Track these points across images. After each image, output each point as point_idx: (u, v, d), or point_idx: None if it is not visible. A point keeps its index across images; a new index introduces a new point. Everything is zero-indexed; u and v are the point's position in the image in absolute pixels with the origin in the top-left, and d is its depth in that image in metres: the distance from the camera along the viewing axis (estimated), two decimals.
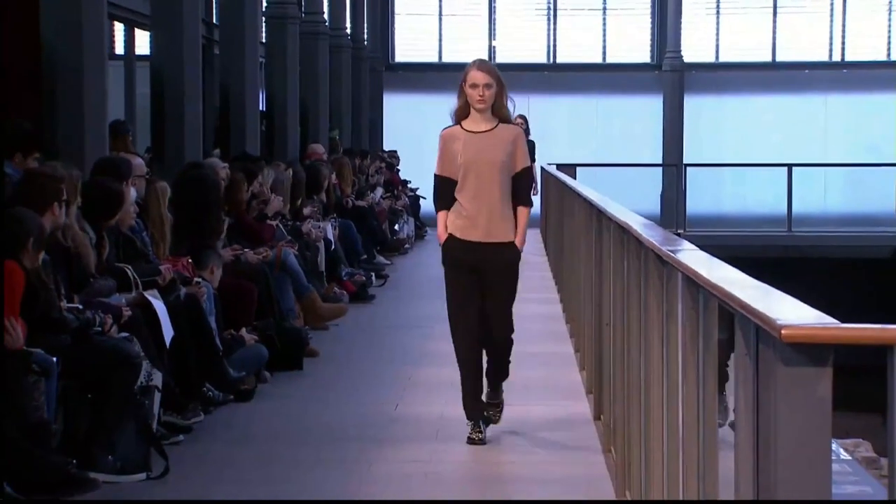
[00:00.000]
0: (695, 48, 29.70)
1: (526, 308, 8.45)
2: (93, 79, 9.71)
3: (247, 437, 7.85)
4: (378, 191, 20.03)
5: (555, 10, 30.14)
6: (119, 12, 14.79)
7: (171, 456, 6.89)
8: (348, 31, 24.18)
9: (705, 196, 26.61)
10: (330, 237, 13.91)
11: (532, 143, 21.56)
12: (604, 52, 30.13)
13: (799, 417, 2.77)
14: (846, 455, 8.81)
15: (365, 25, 26.90)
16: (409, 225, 21.49)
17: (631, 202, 8.24)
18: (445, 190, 7.56)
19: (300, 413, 8.61)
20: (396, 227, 20.18)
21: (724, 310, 3.49)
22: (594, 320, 8.31)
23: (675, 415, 4.31)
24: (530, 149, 9.02)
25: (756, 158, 27.22)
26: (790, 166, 25.38)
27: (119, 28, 16.17)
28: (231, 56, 15.67)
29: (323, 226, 13.81)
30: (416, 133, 26.55)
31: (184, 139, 12.33)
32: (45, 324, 6.61)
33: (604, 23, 30.07)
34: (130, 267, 8.16)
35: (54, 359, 6.43)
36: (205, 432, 7.86)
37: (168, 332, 7.83)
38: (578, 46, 30.08)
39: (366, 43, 26.80)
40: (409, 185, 24.06)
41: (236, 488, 6.64)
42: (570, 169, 21.19)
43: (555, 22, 30.17)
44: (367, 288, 14.56)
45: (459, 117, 7.57)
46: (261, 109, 17.19)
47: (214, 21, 17.77)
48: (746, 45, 29.75)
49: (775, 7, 29.66)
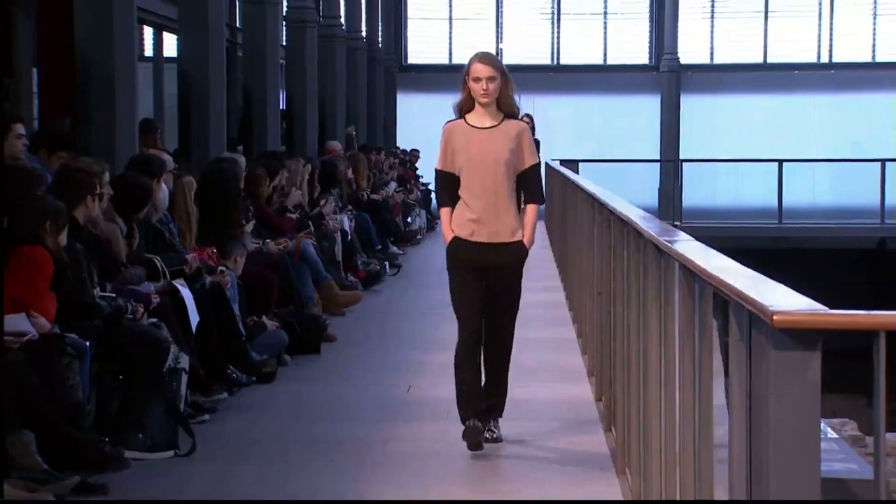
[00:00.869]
0: (690, 50, 29.67)
1: (531, 296, 8.41)
2: (123, 80, 9.73)
3: (268, 417, 7.86)
4: (392, 185, 20.03)
5: (558, 15, 30.11)
6: (148, 17, 14.80)
7: (198, 434, 6.92)
8: (364, 35, 24.16)
9: (700, 190, 26.59)
10: (346, 229, 13.90)
11: (537, 143, 21.54)
12: (605, 54, 30.11)
13: (790, 398, 2.77)
14: (833, 434, 8.79)
15: (379, 29, 26.87)
16: (422, 217, 21.50)
17: (630, 196, 8.22)
18: (447, 185, 6.86)
19: (318, 394, 8.61)
20: (409, 220, 20.20)
21: (719, 297, 3.49)
22: (596, 307, 8.31)
23: (672, 395, 4.31)
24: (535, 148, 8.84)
25: (748, 154, 27.18)
26: (780, 162, 25.37)
27: (148, 32, 16.16)
28: (253, 58, 15.69)
29: (340, 218, 13.81)
30: (428, 130, 26.49)
31: (209, 136, 12.36)
32: (80, 310, 6.63)
33: (605, 26, 30.04)
34: (158, 257, 8.18)
35: (88, 343, 6.44)
36: (229, 412, 7.87)
37: (194, 319, 7.84)
38: (581, 49, 30.05)
39: (380, 45, 26.78)
40: (422, 180, 24.05)
41: (258, 464, 6.66)
42: (573, 164, 21.21)
43: (558, 25, 30.14)
44: (381, 276, 14.57)
45: (463, 111, 6.84)
46: (281, 108, 17.19)
47: (238, 25, 17.77)
48: (739, 48, 29.72)
49: (766, 12, 29.61)
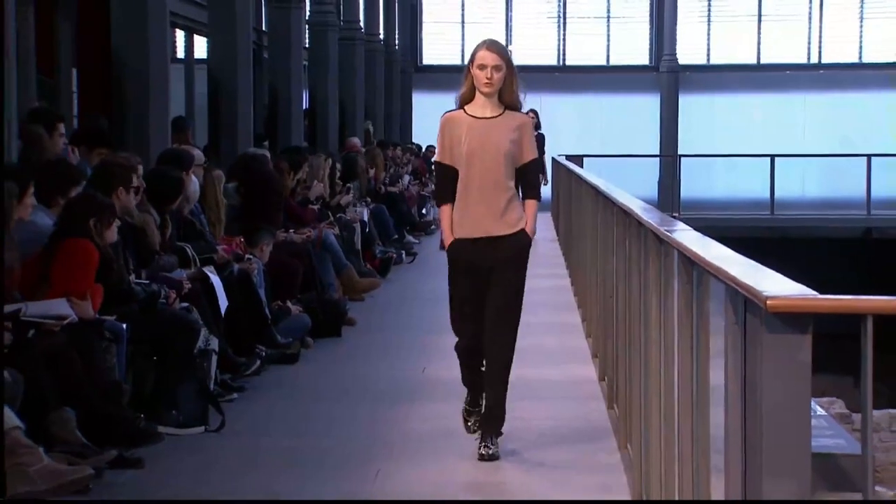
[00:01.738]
0: (688, 52, 29.58)
1: (538, 282, 8.42)
2: (156, 80, 9.75)
3: (292, 396, 7.88)
4: (407, 178, 20.02)
5: (564, 18, 30.06)
6: (180, 20, 14.80)
7: (227, 411, 6.94)
8: (381, 37, 24.14)
9: (698, 183, 26.54)
10: (365, 219, 13.91)
11: (542, 137, 21.48)
12: (608, 56, 30.04)
13: (782, 378, 2.77)
14: (822, 411, 8.78)
15: (396, 32, 26.85)
16: (436, 208, 21.46)
17: (632, 188, 8.19)
18: (447, 180, 6.23)
19: (339, 375, 8.63)
20: (424, 211, 20.18)
21: (716, 283, 3.49)
22: (599, 293, 8.31)
23: (671, 375, 4.32)
24: (540, 142, 8.72)
25: (743, 150, 27.12)
26: (773, 157, 25.30)
27: (180, 35, 16.17)
28: (278, 60, 15.70)
29: (359, 209, 13.82)
30: None
31: (237, 133, 12.38)
32: (117, 295, 6.65)
33: (608, 29, 29.98)
34: (189, 246, 8.19)
35: (124, 326, 6.47)
36: (255, 391, 7.89)
37: (223, 303, 7.87)
38: (585, 50, 30.00)
39: (397, 47, 26.75)
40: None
41: (283, 440, 6.67)
42: (578, 159, 21.18)
43: (564, 28, 30.09)
44: (394, 264, 14.57)
45: (464, 102, 6.20)
46: (304, 107, 17.20)
47: (264, 28, 17.78)
48: (734, 49, 29.64)
49: (760, 15, 29.54)
